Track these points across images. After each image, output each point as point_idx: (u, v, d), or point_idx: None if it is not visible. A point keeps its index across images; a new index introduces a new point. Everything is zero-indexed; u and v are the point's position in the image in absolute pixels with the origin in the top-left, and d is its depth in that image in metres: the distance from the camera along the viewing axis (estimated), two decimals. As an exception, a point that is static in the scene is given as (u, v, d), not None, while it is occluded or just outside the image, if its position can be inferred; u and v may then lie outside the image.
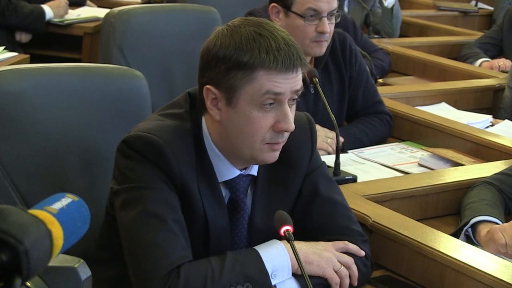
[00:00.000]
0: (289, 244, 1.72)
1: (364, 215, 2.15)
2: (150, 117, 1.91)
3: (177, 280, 1.68)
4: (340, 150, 2.56)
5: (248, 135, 1.76)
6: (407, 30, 5.41)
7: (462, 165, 2.77)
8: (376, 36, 4.96)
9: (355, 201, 2.22)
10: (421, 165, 2.83)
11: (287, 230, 1.70)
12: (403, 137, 3.17)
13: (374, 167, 2.77)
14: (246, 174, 1.87)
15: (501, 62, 4.46)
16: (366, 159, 2.85)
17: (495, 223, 2.24)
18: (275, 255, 1.78)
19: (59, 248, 0.93)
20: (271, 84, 1.72)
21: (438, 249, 1.97)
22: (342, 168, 2.54)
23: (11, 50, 3.98)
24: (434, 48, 4.85)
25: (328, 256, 1.84)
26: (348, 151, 2.92)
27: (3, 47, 3.86)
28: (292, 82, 1.74)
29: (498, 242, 2.12)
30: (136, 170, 1.77)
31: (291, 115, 1.77)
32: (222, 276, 1.71)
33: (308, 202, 1.96)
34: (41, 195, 1.96)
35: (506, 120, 3.47)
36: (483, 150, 2.93)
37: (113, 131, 2.11)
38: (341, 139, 2.71)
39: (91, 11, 5.13)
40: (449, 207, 2.51)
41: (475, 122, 3.32)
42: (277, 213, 1.74)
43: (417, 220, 2.21)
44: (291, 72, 1.73)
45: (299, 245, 1.80)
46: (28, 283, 0.94)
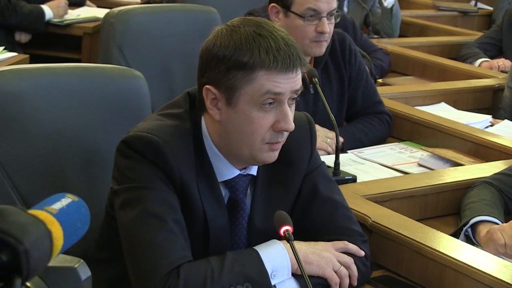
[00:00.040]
0: (288, 244, 1.72)
1: (364, 215, 2.14)
2: (150, 117, 1.90)
3: (176, 280, 1.68)
4: (339, 150, 2.56)
5: (248, 134, 1.76)
6: (407, 30, 5.41)
7: (462, 165, 2.77)
8: (375, 36, 4.96)
9: (355, 201, 2.22)
10: (420, 165, 2.83)
11: (287, 230, 1.70)
12: (403, 137, 3.17)
13: (373, 167, 2.76)
14: (245, 174, 1.87)
15: (500, 62, 4.46)
16: (365, 159, 2.85)
17: (495, 223, 2.24)
18: (275, 255, 1.78)
19: (59, 248, 0.93)
20: (271, 84, 1.72)
21: (437, 249, 1.97)
22: (341, 168, 2.54)
23: (11, 50, 3.97)
24: (433, 48, 4.85)
25: (328, 256, 1.84)
26: (348, 151, 2.92)
27: (2, 47, 3.86)
28: (291, 82, 1.74)
29: (497, 242, 2.12)
30: (136, 170, 1.77)
31: (291, 114, 1.77)
32: (221, 276, 1.71)
33: (308, 202, 1.96)
34: (40, 195, 1.96)
35: (505, 120, 3.46)
36: (483, 150, 2.93)
37: (112, 131, 2.11)
38: (340, 139, 2.71)
39: (91, 11, 5.13)
40: (448, 207, 2.51)
41: (474, 122, 3.32)
42: (276, 213, 1.74)
43: (416, 220, 2.21)
44: (291, 72, 1.73)
45: (299, 245, 1.80)
46: (28, 283, 0.94)
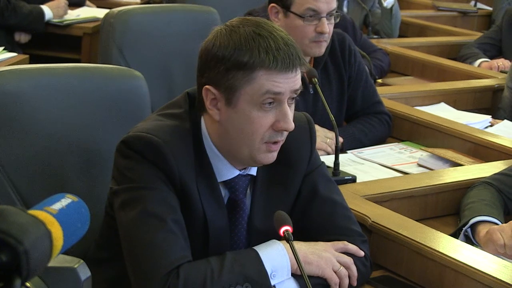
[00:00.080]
0: (288, 244, 1.72)
1: (364, 215, 2.14)
2: (149, 117, 1.90)
3: (176, 280, 1.68)
4: (339, 150, 2.56)
5: (248, 134, 1.76)
6: (406, 30, 5.41)
7: (461, 165, 2.77)
8: (375, 36, 4.96)
9: (355, 201, 2.22)
10: (420, 165, 2.83)
11: (287, 230, 1.70)
12: (402, 137, 3.17)
13: (373, 167, 2.76)
14: (245, 174, 1.87)
15: (500, 62, 4.46)
16: (365, 159, 2.85)
17: (495, 223, 2.24)
18: (275, 255, 1.78)
19: (59, 249, 0.93)
20: (270, 84, 1.72)
21: (437, 249, 1.97)
22: (341, 168, 2.54)
23: (11, 50, 3.98)
24: (433, 48, 4.85)
25: (328, 256, 1.84)
26: (348, 151, 2.92)
27: (2, 48, 3.86)
28: (291, 82, 1.74)
29: (497, 242, 2.12)
30: (135, 170, 1.77)
31: (291, 114, 1.77)
32: (221, 276, 1.71)
33: (308, 202, 1.96)
34: (40, 195, 1.96)
35: (505, 120, 3.46)
36: (482, 150, 2.93)
37: (112, 131, 2.11)
38: (340, 139, 2.71)
39: (91, 12, 5.13)
40: (448, 207, 2.51)
41: (474, 122, 3.32)
42: (276, 213, 1.74)
43: (416, 220, 2.21)
44: (290, 72, 1.73)
45: (299, 245, 1.80)
46: (28, 284, 0.94)
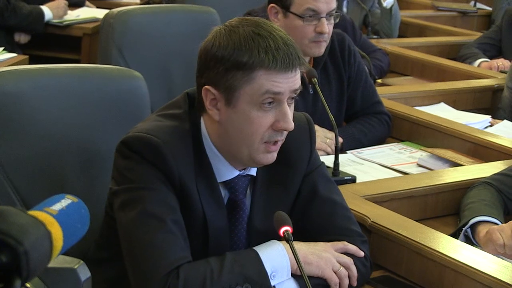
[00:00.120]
0: (288, 245, 1.72)
1: (363, 215, 2.14)
2: (149, 117, 1.90)
3: (176, 280, 1.68)
4: (339, 150, 2.56)
5: (248, 134, 1.76)
6: (406, 30, 5.41)
7: (461, 165, 2.77)
8: (374, 36, 4.96)
9: (354, 201, 2.22)
10: (420, 165, 2.83)
11: (286, 231, 1.70)
12: (402, 137, 3.17)
13: (373, 168, 2.76)
14: (245, 174, 1.87)
15: (500, 62, 4.46)
16: (365, 159, 2.85)
17: (494, 223, 2.24)
18: (274, 256, 1.78)
19: (59, 249, 0.93)
20: (270, 84, 1.72)
21: (437, 249, 1.97)
22: (341, 168, 2.54)
23: (10, 51, 3.98)
24: (432, 48, 4.85)
25: (327, 256, 1.84)
26: (347, 151, 2.92)
27: (2, 48, 3.86)
28: (291, 82, 1.74)
29: (496, 242, 2.12)
30: (135, 171, 1.77)
31: (290, 114, 1.77)
32: (221, 277, 1.71)
33: (307, 203, 1.96)
34: (40, 195, 1.96)
35: (505, 120, 3.46)
36: (482, 151, 2.93)
37: (112, 132, 2.11)
38: (340, 140, 2.71)
39: (90, 12, 5.13)
40: (448, 208, 2.51)
41: (474, 122, 3.32)
42: (276, 213, 1.74)
43: (416, 221, 2.21)
44: (290, 72, 1.73)
45: (298, 245, 1.80)
46: (28, 284, 0.94)
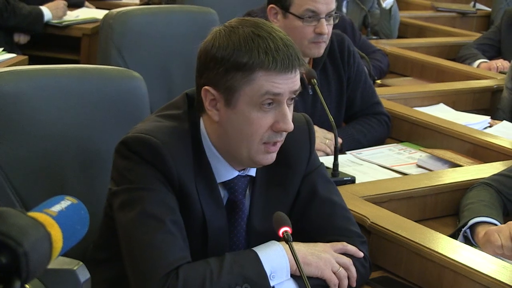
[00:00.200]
0: (287, 245, 1.72)
1: (363, 216, 2.15)
2: (148, 118, 1.90)
3: (175, 281, 1.68)
4: (338, 151, 2.56)
5: (247, 135, 1.76)
6: (405, 31, 5.41)
7: (461, 166, 2.77)
8: (374, 37, 4.96)
9: (354, 202, 2.22)
10: (419, 166, 2.83)
11: (286, 231, 1.69)
12: (401, 138, 3.17)
13: (372, 168, 2.77)
14: (244, 175, 1.87)
15: (499, 63, 4.46)
16: (364, 160, 2.85)
17: (494, 224, 2.23)
18: (274, 256, 1.78)
19: (58, 251, 0.93)
20: (270, 85, 1.72)
21: (436, 250, 1.97)
22: (340, 169, 2.54)
23: (10, 51, 3.98)
24: (432, 49, 4.85)
25: (327, 257, 1.84)
26: (347, 152, 2.92)
27: (1, 49, 3.86)
28: (290, 83, 1.74)
29: (494, 244, 2.12)
30: (134, 171, 1.77)
31: (290, 115, 1.77)
32: (220, 277, 1.71)
33: (307, 203, 1.96)
34: (39, 196, 1.96)
35: (504, 121, 3.47)
36: (481, 151, 2.93)
37: (111, 132, 2.11)
38: (339, 140, 2.71)
39: (90, 13, 5.13)
40: (447, 208, 2.51)
41: (473, 123, 3.32)
42: (275, 214, 1.74)
43: (415, 221, 2.21)
44: (290, 73, 1.73)
45: (298, 246, 1.80)
46: (27, 286, 0.94)
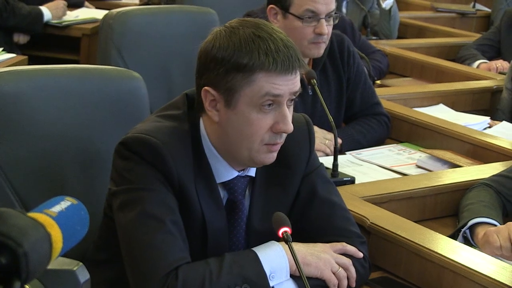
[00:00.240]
0: (287, 246, 1.72)
1: (362, 216, 2.15)
2: (148, 118, 1.91)
3: (175, 281, 1.68)
4: (338, 151, 2.56)
5: (247, 136, 1.76)
6: (405, 31, 5.41)
7: (460, 166, 2.77)
8: (374, 37, 4.96)
9: (353, 202, 2.22)
10: (419, 166, 2.83)
11: (285, 232, 1.69)
12: (401, 138, 3.17)
13: (372, 169, 2.77)
14: (244, 175, 1.87)
15: (498, 63, 4.46)
16: (364, 160, 2.85)
17: (493, 224, 2.24)
18: (273, 257, 1.78)
19: (58, 251, 0.93)
20: (270, 86, 1.72)
21: (436, 250, 1.97)
22: (340, 169, 2.54)
23: (9, 51, 3.98)
24: (432, 49, 4.85)
25: (326, 257, 1.84)
26: (346, 152, 2.92)
27: (1, 49, 3.86)
28: (290, 84, 1.74)
29: (493, 245, 2.12)
30: (134, 172, 1.77)
31: (290, 116, 1.77)
32: (220, 278, 1.71)
33: (306, 204, 1.96)
34: (39, 196, 1.96)
35: (503, 121, 3.47)
36: (481, 152, 2.93)
37: (111, 132, 2.11)
38: (339, 141, 2.71)
39: (89, 13, 5.13)
40: (447, 209, 2.51)
41: (473, 123, 3.32)
42: (275, 214, 1.74)
43: (415, 222, 2.21)
44: (290, 74, 1.73)
45: (297, 246, 1.80)
46: (27, 286, 0.94)
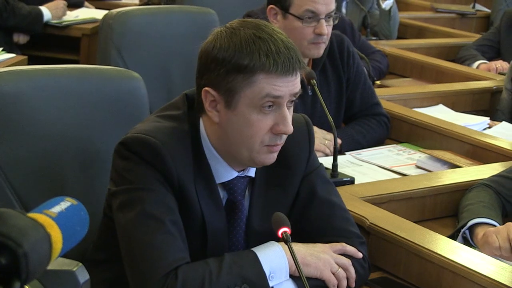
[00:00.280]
0: (286, 246, 1.72)
1: (362, 217, 2.15)
2: (148, 118, 1.91)
3: (174, 281, 1.68)
4: (337, 151, 2.56)
5: (247, 137, 1.76)
6: (405, 32, 5.41)
7: (460, 167, 2.77)
8: (373, 38, 4.96)
9: (353, 203, 2.22)
10: (418, 167, 2.83)
11: (285, 232, 1.70)
12: (401, 139, 3.17)
13: (371, 169, 2.77)
14: (243, 175, 1.87)
15: (498, 64, 4.46)
16: (363, 161, 2.85)
17: (493, 225, 2.24)
18: (273, 257, 1.78)
19: (58, 252, 0.93)
20: (270, 88, 1.72)
21: (435, 251, 1.97)
22: (339, 170, 2.54)
23: (9, 51, 3.98)
24: (431, 50, 4.85)
25: (326, 258, 1.84)
26: (346, 152, 2.92)
27: (1, 49, 3.86)
28: (291, 85, 1.74)
29: (492, 245, 2.12)
30: (134, 172, 1.77)
31: (290, 117, 1.77)
32: (219, 278, 1.71)
33: (306, 204, 1.96)
34: (39, 196, 1.96)
35: (503, 122, 3.47)
36: (481, 152, 2.93)
37: (111, 133, 2.11)
38: (338, 141, 2.71)
39: (89, 13, 5.13)
40: (446, 209, 2.52)
41: (472, 124, 3.32)
42: (274, 214, 1.74)
43: (414, 222, 2.21)
44: (290, 75, 1.73)
45: (297, 247, 1.80)
46: (27, 287, 0.94)
